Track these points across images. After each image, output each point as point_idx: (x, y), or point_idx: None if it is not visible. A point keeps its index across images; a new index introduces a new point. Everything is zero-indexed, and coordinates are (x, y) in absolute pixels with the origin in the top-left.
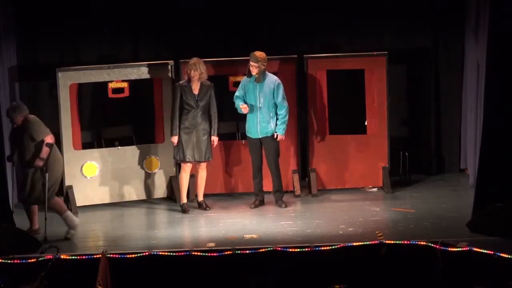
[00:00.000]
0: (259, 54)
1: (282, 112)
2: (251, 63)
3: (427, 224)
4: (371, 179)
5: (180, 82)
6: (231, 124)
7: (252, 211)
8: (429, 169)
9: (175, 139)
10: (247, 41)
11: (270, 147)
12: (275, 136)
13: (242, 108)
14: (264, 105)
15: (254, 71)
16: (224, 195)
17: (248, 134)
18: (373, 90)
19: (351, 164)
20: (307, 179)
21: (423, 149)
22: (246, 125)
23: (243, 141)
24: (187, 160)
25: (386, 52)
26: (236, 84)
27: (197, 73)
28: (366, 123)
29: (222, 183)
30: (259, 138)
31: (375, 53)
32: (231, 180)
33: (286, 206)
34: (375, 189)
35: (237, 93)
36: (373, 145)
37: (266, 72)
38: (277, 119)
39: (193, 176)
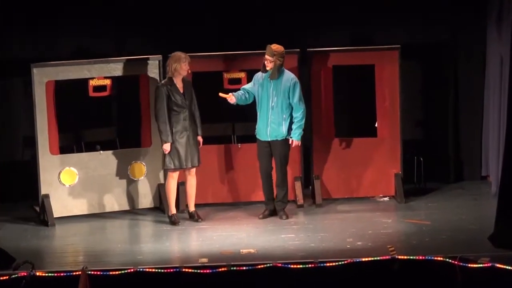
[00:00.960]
0: (276, 47)
1: (298, 115)
2: (266, 56)
3: (445, 237)
4: (382, 187)
5: (163, 82)
6: (227, 126)
7: (249, 223)
8: (446, 176)
9: (168, 146)
10: (243, 33)
11: (278, 152)
12: (290, 142)
13: (228, 97)
14: (277, 105)
15: (268, 66)
16: (218, 205)
17: (257, 136)
18: (384, 88)
19: (360, 171)
20: (310, 187)
21: (440, 154)
22: (256, 126)
23: (239, 145)
24: (185, 167)
25: (398, 46)
26: (232, 81)
27: (188, 68)
28: (376, 125)
29: (216, 192)
30: (268, 141)
31: (386, 46)
32: (226, 188)
33: (286, 218)
34: (386, 199)
35: (245, 85)
36: (384, 149)
37: (283, 68)
38: (291, 122)
39: (182, 184)
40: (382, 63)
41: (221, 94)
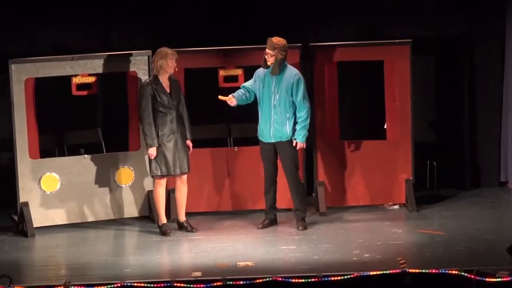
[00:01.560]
0: (277, 40)
1: (302, 114)
2: (266, 50)
3: (460, 249)
4: (392, 195)
5: (147, 81)
6: (222, 127)
7: (247, 233)
8: (462, 182)
9: (154, 150)
10: (240, 26)
11: (285, 155)
12: (294, 144)
13: (228, 100)
14: (280, 103)
15: (269, 61)
16: (213, 214)
17: (260, 138)
18: (394, 86)
19: (367, 176)
20: (313, 194)
21: (455, 157)
22: (258, 127)
23: (236, 148)
24: (173, 174)
25: (410, 40)
26: (228, 79)
27: (175, 65)
28: (385, 126)
29: (210, 200)
30: (273, 143)
31: (396, 41)
32: (221, 195)
33: (303, 229)
34: (396, 207)
35: (246, 83)
36: (394, 153)
37: (286, 63)
38: (295, 122)
39: (173, 191)
40: (391, 58)
41: (220, 97)
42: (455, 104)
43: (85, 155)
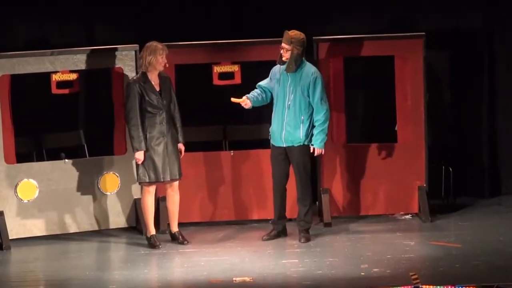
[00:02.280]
0: (294, 33)
1: (320, 117)
2: (282, 44)
3: (478, 263)
4: (403, 203)
5: (135, 78)
6: (216, 129)
7: (244, 246)
8: (480, 189)
9: (141, 155)
10: (236, 17)
11: (295, 160)
12: (311, 150)
13: (242, 102)
14: (294, 104)
15: (285, 56)
16: (207, 225)
17: (271, 141)
18: (406, 84)
19: (377, 183)
20: (317, 202)
21: (473, 162)
22: (270, 129)
23: (232, 152)
24: (162, 180)
25: (423, 33)
26: (223, 76)
27: (165, 61)
28: (396, 128)
29: (204, 209)
30: (284, 148)
31: (408, 34)
32: (215, 204)
33: (306, 241)
34: (408, 217)
35: (261, 82)
36: (406, 157)
37: (304, 60)
38: (312, 126)
39: (163, 200)
40: (403, 54)
41: (233, 100)
42: (473, 103)
43: (66, 160)
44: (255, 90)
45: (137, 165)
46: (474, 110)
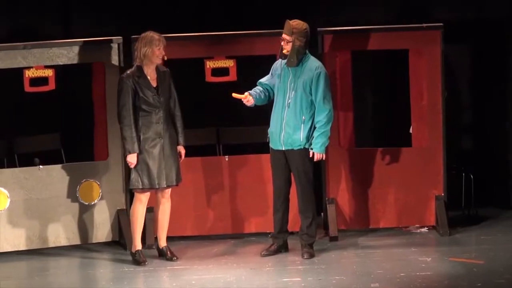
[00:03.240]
0: (296, 23)
1: (322, 118)
2: (283, 35)
3: (502, 281)
4: (419, 215)
5: (129, 72)
6: (209, 131)
7: (240, 262)
8: (505, 199)
9: (134, 158)
10: (232, 7)
11: (296, 166)
12: (310, 155)
13: (244, 99)
14: (295, 103)
15: (285, 48)
16: (199, 239)
17: (270, 144)
18: (422, 81)
19: (389, 192)
20: (322, 214)
21: (497, 170)
22: (269, 130)
23: (227, 157)
24: (157, 187)
25: (441, 24)
26: (216, 72)
27: (163, 53)
28: (410, 131)
29: (196, 221)
30: (283, 151)
31: (424, 25)
32: (207, 216)
33: (309, 257)
34: (424, 230)
35: (262, 78)
36: (422, 163)
37: (308, 54)
38: (313, 127)
39: (150, 211)
40: (418, 47)
41: (234, 95)
42: (497, 102)
43: (41, 166)
44: (257, 87)
45: (129, 169)
46: (498, 110)
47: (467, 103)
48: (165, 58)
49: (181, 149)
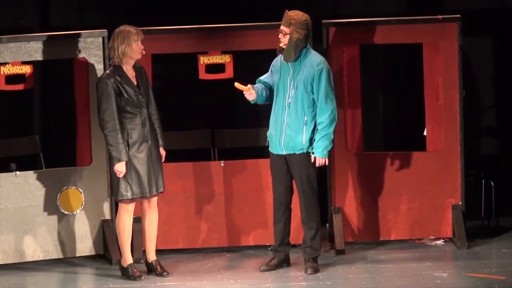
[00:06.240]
0: (295, 14)
1: (324, 119)
2: (281, 27)
3: None
4: (434, 226)
5: (108, 72)
6: (203, 134)
7: (237, 278)
8: None
9: (123, 166)
10: None
11: (298, 172)
12: (312, 160)
13: (247, 91)
14: (296, 102)
15: (282, 41)
16: (192, 252)
17: (269, 148)
18: (437, 78)
19: (401, 201)
20: (327, 225)
21: None
22: (268, 133)
23: (222, 163)
24: (148, 195)
25: (458, 16)
26: (210, 68)
27: (142, 47)
28: (425, 133)
29: (190, 233)
30: (284, 156)
31: (440, 17)
32: (203, 228)
33: (314, 272)
34: (440, 242)
35: (262, 76)
36: (437, 169)
37: (309, 48)
38: (316, 129)
39: (137, 221)
40: (433, 41)
41: (237, 85)
42: None
43: (18, 172)
44: (258, 84)
45: (117, 179)
46: None
47: (487, 103)
48: (144, 53)
49: (162, 152)
